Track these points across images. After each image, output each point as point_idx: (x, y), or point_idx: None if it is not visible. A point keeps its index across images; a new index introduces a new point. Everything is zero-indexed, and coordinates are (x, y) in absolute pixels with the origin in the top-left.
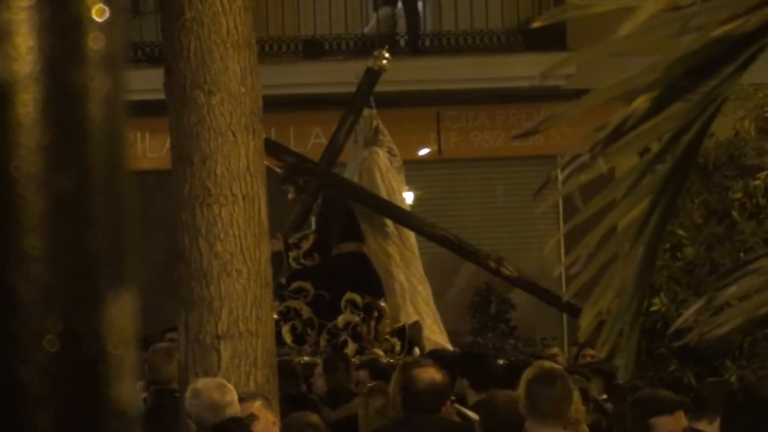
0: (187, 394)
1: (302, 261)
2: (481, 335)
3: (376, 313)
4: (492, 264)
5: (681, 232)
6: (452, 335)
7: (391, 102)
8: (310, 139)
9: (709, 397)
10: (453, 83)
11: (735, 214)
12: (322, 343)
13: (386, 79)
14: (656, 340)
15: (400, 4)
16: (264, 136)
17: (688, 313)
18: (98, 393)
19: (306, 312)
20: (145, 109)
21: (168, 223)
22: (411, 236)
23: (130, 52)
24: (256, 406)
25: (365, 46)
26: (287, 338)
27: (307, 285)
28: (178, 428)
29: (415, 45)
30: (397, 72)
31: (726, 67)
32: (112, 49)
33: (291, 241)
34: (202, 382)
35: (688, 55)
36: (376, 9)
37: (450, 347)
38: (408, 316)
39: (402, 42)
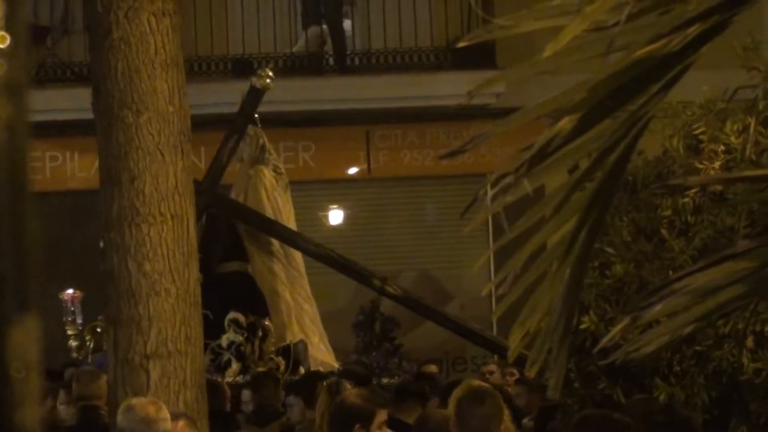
0: (121, 409)
1: None
2: (366, 354)
3: (260, 333)
4: (377, 283)
5: (610, 250)
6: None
7: (320, 121)
8: None
9: (636, 414)
10: (382, 102)
11: (664, 231)
12: (206, 362)
13: (315, 98)
14: (585, 358)
15: None
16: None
17: (614, 332)
18: (1, 417)
19: None
20: (73, 129)
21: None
22: (297, 255)
23: (59, 72)
24: (179, 426)
25: (294, 65)
26: None
27: None
28: None
29: (343, 63)
30: (326, 91)
31: (651, 86)
32: (14, 75)
33: None
34: (136, 399)
35: (613, 75)
36: (305, 28)
37: (336, 366)
38: (294, 335)
39: (331, 60)
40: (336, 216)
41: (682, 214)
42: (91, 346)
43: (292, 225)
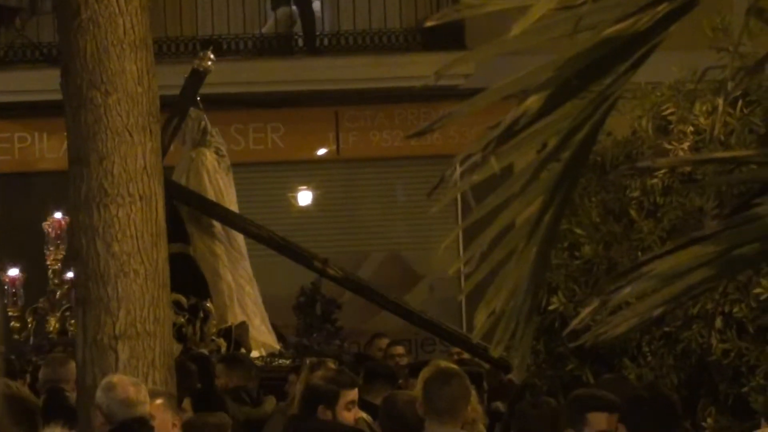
0: (101, 386)
1: None
2: (307, 336)
3: (201, 314)
4: (317, 264)
5: (579, 231)
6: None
7: (289, 102)
8: None
9: (616, 391)
10: (351, 83)
11: (633, 212)
12: None
13: (284, 79)
14: (554, 339)
15: None
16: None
17: (583, 314)
18: None
19: None
20: (42, 110)
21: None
22: (239, 237)
23: (27, 52)
24: (156, 405)
25: (263, 46)
26: None
27: None
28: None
29: (312, 45)
30: (296, 72)
31: (618, 66)
32: None
33: None
34: (118, 377)
35: (579, 54)
36: (274, 9)
37: (277, 347)
38: (235, 317)
39: (300, 41)
40: (305, 197)
41: (651, 195)
42: (33, 328)
43: (234, 207)
